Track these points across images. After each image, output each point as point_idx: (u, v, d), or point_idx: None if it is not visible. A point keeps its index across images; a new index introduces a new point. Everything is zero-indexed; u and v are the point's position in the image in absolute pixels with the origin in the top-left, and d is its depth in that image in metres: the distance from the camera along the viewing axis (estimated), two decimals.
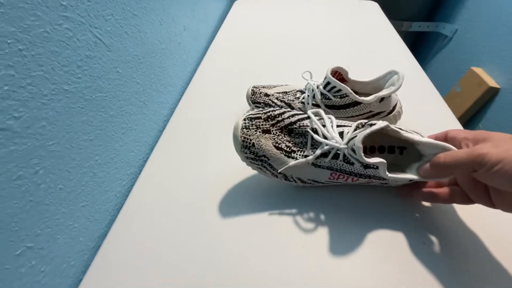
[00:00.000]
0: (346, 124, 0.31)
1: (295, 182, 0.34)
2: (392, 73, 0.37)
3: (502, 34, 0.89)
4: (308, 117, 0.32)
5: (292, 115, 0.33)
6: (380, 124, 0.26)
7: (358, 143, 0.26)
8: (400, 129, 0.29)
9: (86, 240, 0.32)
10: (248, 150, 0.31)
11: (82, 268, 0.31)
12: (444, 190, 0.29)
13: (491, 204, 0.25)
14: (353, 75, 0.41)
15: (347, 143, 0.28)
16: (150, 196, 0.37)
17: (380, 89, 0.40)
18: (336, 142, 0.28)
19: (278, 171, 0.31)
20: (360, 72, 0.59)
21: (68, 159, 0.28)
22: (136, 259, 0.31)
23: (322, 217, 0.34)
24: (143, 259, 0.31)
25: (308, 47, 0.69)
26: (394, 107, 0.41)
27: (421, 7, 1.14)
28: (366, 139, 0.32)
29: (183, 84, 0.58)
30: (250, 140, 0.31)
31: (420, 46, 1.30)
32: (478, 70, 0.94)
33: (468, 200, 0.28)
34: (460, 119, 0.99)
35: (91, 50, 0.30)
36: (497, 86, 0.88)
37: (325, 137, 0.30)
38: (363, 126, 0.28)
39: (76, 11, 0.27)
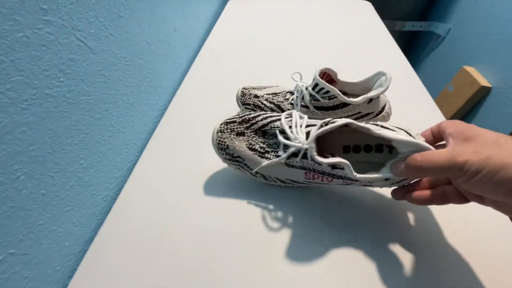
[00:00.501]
0: (315, 124, 0.30)
1: (275, 182, 0.34)
2: (380, 74, 0.37)
3: (494, 33, 0.90)
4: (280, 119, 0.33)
5: (266, 117, 0.34)
6: (340, 121, 0.26)
7: (310, 142, 0.27)
8: (377, 125, 0.28)
9: (71, 244, 0.32)
10: (224, 152, 0.34)
11: (68, 273, 0.31)
12: (438, 191, 0.27)
13: (485, 203, 0.24)
14: (343, 76, 0.41)
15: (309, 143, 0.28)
16: (139, 199, 0.37)
17: (369, 90, 0.40)
18: (299, 142, 0.29)
19: (253, 171, 0.33)
20: (351, 72, 0.59)
21: (51, 164, 0.28)
22: (123, 263, 0.31)
23: (302, 217, 0.34)
24: (131, 263, 0.31)
25: (301, 47, 0.69)
26: (383, 108, 0.41)
27: (414, 7, 1.14)
28: (348, 138, 0.32)
29: (174, 86, 0.58)
30: (224, 142, 0.34)
31: (414, 45, 1.31)
32: (470, 69, 0.95)
33: (463, 199, 0.26)
34: (452, 118, 0.99)
35: (74, 53, 0.29)
36: (488, 85, 0.88)
37: (289, 138, 0.30)
38: (326, 124, 0.28)
39: (58, 14, 0.27)
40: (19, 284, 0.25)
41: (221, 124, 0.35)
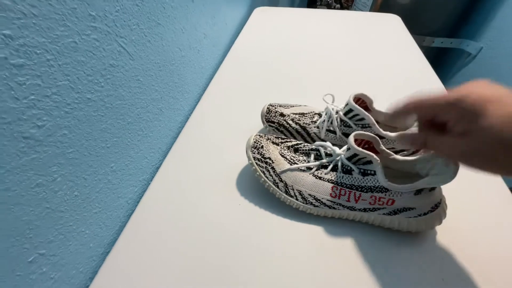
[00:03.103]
0: None
1: (296, 198, 0.34)
2: None
3: None
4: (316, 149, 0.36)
5: (299, 142, 0.38)
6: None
7: (351, 137, 0.30)
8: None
9: (96, 246, 0.32)
10: (257, 151, 0.36)
11: (90, 275, 0.31)
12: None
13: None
14: (377, 103, 0.39)
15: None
16: (160, 203, 0.37)
17: (405, 125, 0.38)
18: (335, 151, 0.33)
19: (279, 171, 0.34)
20: (381, 87, 0.58)
21: (85, 166, 0.28)
22: (143, 266, 0.31)
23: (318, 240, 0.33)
24: (151, 266, 0.31)
25: (329, 61, 0.68)
26: None
27: (444, 23, 1.11)
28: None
29: (199, 91, 0.58)
30: (260, 143, 0.36)
31: (442, 62, 1.27)
32: None
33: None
34: None
35: (115, 59, 0.30)
36: None
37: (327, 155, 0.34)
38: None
39: (104, 21, 0.28)
40: (45, 285, 0.26)
41: (258, 134, 0.38)
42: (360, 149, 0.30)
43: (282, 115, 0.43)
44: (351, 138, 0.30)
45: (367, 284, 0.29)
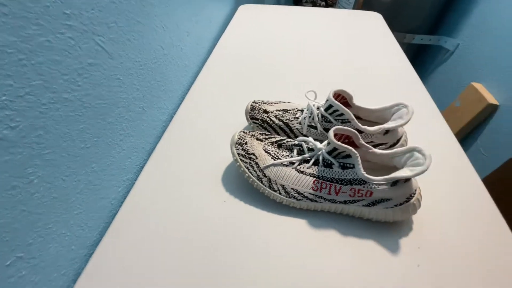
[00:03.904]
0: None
1: (279, 192, 0.35)
2: (400, 105, 0.37)
3: (503, 51, 0.90)
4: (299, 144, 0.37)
5: (283, 138, 0.38)
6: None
7: (330, 132, 0.31)
8: None
9: (78, 248, 0.31)
10: (241, 147, 0.37)
11: (72, 277, 0.31)
12: None
13: None
14: (357, 99, 0.40)
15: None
16: (146, 202, 0.37)
17: (385, 119, 0.39)
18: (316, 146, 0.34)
19: (262, 166, 0.35)
20: (362, 83, 0.60)
21: (64, 168, 0.28)
22: (128, 267, 0.31)
23: (303, 228, 0.34)
24: (136, 267, 0.31)
25: (313, 57, 0.69)
26: (398, 140, 0.39)
27: (424, 21, 1.15)
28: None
29: (183, 90, 0.58)
30: (245, 139, 0.37)
31: (422, 58, 1.31)
32: (478, 86, 0.95)
33: None
34: (458, 134, 0.99)
35: (93, 57, 0.30)
36: (496, 103, 0.88)
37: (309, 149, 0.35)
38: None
39: (79, 20, 0.27)
40: None
41: (243, 130, 0.39)
42: (339, 143, 0.31)
43: (265, 112, 0.43)
44: (331, 133, 0.31)
45: (348, 272, 0.30)
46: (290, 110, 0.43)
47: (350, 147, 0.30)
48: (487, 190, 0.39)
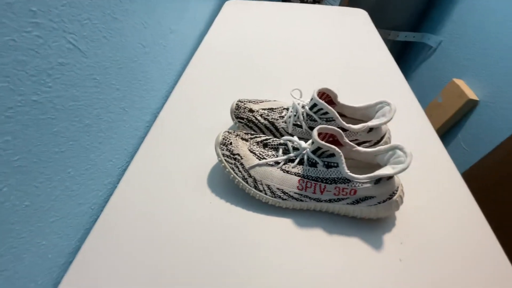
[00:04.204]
0: None
1: (265, 193, 0.35)
2: (383, 103, 0.37)
3: (483, 48, 0.93)
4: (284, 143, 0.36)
5: (269, 137, 0.38)
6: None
7: (314, 131, 0.31)
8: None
9: (55, 257, 0.30)
10: (226, 147, 0.36)
11: (50, 287, 0.30)
12: None
13: None
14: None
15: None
16: (129, 206, 0.36)
17: (369, 117, 0.39)
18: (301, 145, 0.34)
19: (248, 166, 0.35)
20: (347, 80, 0.60)
21: (36, 174, 0.26)
22: (111, 273, 0.30)
23: (290, 226, 0.34)
24: (119, 272, 0.30)
25: (298, 55, 0.69)
26: (382, 137, 0.40)
27: (408, 18, 1.16)
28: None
29: (167, 88, 0.57)
30: (229, 139, 0.36)
31: (407, 55, 1.34)
32: (460, 82, 0.98)
33: None
34: (441, 128, 1.02)
35: (64, 57, 0.28)
36: (476, 98, 0.91)
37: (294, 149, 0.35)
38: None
39: (48, 17, 0.26)
40: None
41: (228, 129, 0.38)
42: (323, 142, 0.31)
43: (251, 111, 0.43)
44: (315, 132, 0.31)
45: (334, 268, 0.31)
46: (275, 108, 0.43)
47: (333, 146, 0.31)
48: (466, 184, 0.40)
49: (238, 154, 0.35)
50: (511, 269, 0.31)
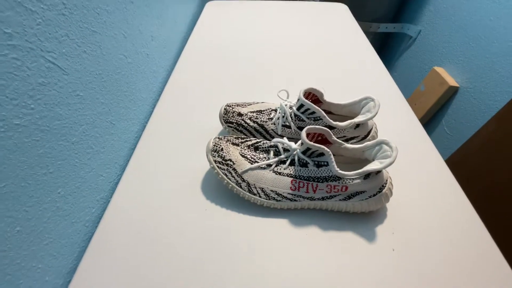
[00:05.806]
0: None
1: (259, 195, 0.35)
2: (368, 99, 0.38)
3: (460, 36, 0.96)
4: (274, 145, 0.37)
5: (259, 140, 0.38)
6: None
7: (303, 132, 0.32)
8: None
9: (53, 278, 0.30)
10: (217, 154, 0.36)
11: None
12: None
13: None
14: (328, 94, 0.40)
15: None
16: (123, 219, 0.36)
17: (355, 113, 0.40)
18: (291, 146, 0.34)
19: (240, 171, 0.35)
20: (332, 77, 0.61)
21: (25, 198, 0.26)
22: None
23: (286, 229, 0.35)
24: (118, 286, 0.30)
25: (282, 52, 0.69)
26: (369, 132, 0.41)
27: (387, 9, 1.19)
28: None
29: (154, 96, 0.56)
30: (220, 145, 0.37)
31: (388, 46, 1.37)
32: (440, 70, 1.01)
33: None
34: (425, 116, 1.05)
35: (44, 76, 0.27)
36: (456, 85, 0.94)
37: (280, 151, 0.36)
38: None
39: (24, 38, 0.25)
40: None
41: (218, 135, 0.38)
42: (312, 143, 0.31)
43: (239, 114, 0.43)
44: (304, 133, 0.32)
45: (331, 263, 0.32)
46: (264, 110, 0.43)
47: (322, 146, 0.31)
48: (451, 170, 0.42)
49: (230, 160, 0.36)
50: (497, 251, 0.33)
